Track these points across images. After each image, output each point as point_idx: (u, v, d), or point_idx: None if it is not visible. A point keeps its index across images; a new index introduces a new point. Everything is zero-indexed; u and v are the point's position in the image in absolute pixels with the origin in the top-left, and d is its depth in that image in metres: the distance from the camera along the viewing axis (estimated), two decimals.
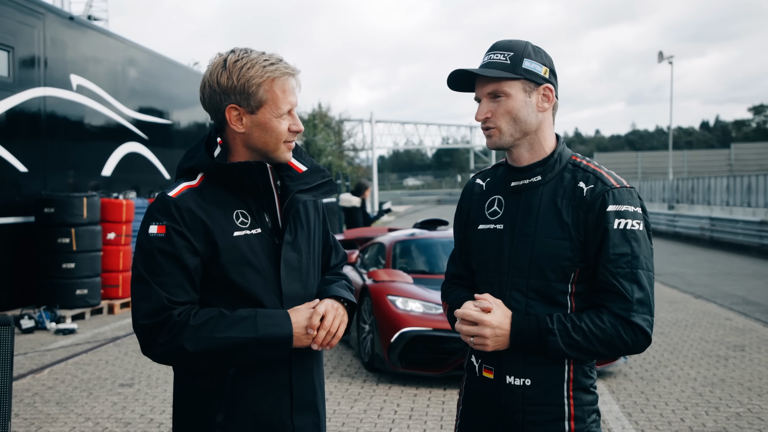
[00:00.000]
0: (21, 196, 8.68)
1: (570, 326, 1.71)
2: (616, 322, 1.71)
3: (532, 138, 1.82)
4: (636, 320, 1.70)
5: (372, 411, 5.13)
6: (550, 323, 1.72)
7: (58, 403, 5.26)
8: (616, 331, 1.70)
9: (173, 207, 1.72)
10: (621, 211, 1.73)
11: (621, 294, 1.70)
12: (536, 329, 1.72)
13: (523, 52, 1.78)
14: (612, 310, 1.71)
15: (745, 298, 10.69)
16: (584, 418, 1.78)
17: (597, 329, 1.70)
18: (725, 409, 5.17)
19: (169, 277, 1.69)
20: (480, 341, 1.75)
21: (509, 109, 1.78)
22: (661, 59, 33.30)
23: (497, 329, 1.74)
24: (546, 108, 1.81)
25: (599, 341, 1.71)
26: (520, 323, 1.74)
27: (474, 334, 1.75)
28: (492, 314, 1.75)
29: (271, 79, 1.75)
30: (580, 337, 1.70)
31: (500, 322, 1.74)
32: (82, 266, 8.69)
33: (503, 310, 1.77)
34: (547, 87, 1.80)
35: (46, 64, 9.07)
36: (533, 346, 1.74)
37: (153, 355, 1.72)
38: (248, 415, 1.78)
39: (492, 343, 1.75)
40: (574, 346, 1.71)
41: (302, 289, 1.85)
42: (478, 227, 1.91)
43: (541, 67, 1.79)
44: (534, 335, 1.72)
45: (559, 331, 1.71)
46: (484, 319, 1.74)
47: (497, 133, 1.81)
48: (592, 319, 1.72)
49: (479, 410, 1.88)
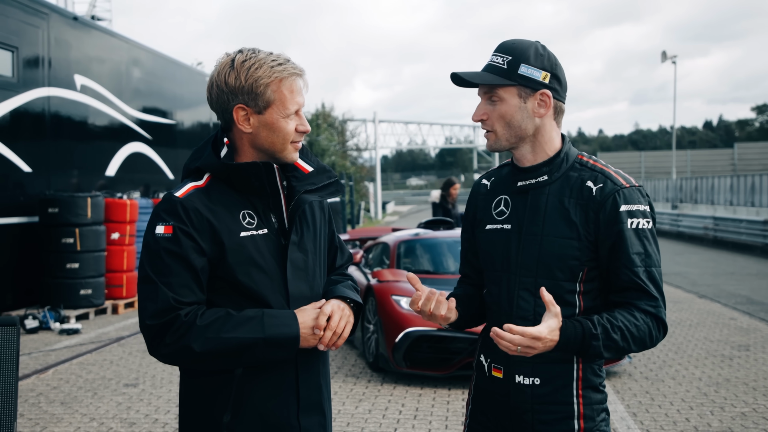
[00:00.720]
0: (25, 196, 8.69)
1: (609, 327, 1.70)
2: (647, 318, 1.73)
3: (532, 140, 1.82)
4: (662, 315, 1.74)
5: (377, 411, 5.13)
6: (594, 329, 1.69)
7: (63, 403, 5.27)
8: (648, 327, 1.73)
9: (180, 207, 1.72)
10: (633, 210, 1.74)
11: (647, 291, 1.73)
12: (581, 336, 1.69)
13: (522, 57, 1.76)
14: (642, 308, 1.73)
15: (750, 297, 10.66)
16: (593, 416, 1.78)
17: (633, 327, 1.71)
18: (730, 409, 5.16)
19: (176, 277, 1.69)
20: (527, 350, 1.67)
21: (503, 113, 1.78)
22: (665, 59, 33.22)
23: (548, 341, 1.67)
24: (543, 114, 1.79)
25: (634, 339, 1.72)
26: (569, 333, 1.69)
27: (527, 345, 1.66)
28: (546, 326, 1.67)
29: (278, 79, 1.75)
30: (618, 336, 1.70)
31: (552, 333, 1.67)
32: (86, 266, 8.70)
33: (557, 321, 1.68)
34: (544, 93, 1.78)
35: (50, 64, 9.08)
36: (574, 352, 1.72)
37: (160, 355, 1.71)
38: (255, 415, 1.78)
39: (539, 352, 1.69)
40: (611, 346, 1.71)
41: (308, 290, 1.85)
42: (485, 227, 1.91)
43: (540, 72, 1.76)
44: (579, 342, 1.70)
45: (601, 335, 1.69)
46: (542, 336, 1.65)
47: (493, 136, 1.82)
48: (627, 317, 1.72)
49: (488, 409, 1.88)
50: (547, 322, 1.67)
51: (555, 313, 1.68)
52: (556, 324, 1.68)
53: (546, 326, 1.66)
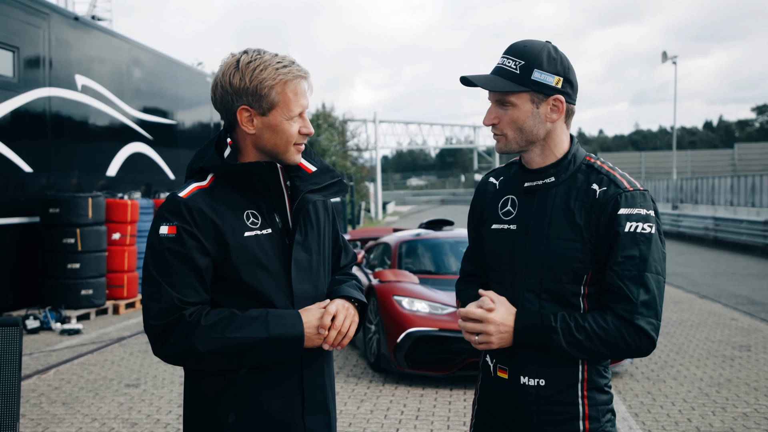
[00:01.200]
0: (26, 196, 8.69)
1: (573, 325, 1.71)
2: (619, 323, 1.70)
3: (542, 144, 1.81)
4: (639, 323, 1.68)
5: (379, 411, 5.13)
6: (554, 321, 1.71)
7: (65, 403, 5.27)
8: (619, 332, 1.69)
9: (184, 207, 1.72)
10: (632, 214, 1.72)
11: (625, 296, 1.69)
12: (539, 327, 1.72)
13: (535, 62, 1.73)
14: (615, 312, 1.70)
15: (750, 298, 10.66)
16: (599, 417, 1.78)
17: (600, 329, 1.70)
18: (732, 409, 5.16)
19: (180, 277, 1.69)
20: (484, 339, 1.75)
21: (515, 118, 1.76)
22: (665, 59, 33.21)
23: (501, 326, 1.73)
24: (555, 119, 1.78)
25: (602, 342, 1.70)
26: (524, 320, 1.74)
27: (478, 331, 1.75)
28: (496, 312, 1.75)
29: (283, 81, 1.75)
30: (582, 336, 1.69)
31: (504, 318, 1.74)
32: (87, 266, 8.70)
33: (507, 307, 1.77)
34: (557, 98, 1.76)
35: (51, 64, 9.09)
36: (536, 344, 1.74)
37: (164, 355, 1.71)
38: (259, 415, 1.77)
39: (496, 341, 1.74)
40: (576, 345, 1.70)
41: (313, 290, 1.85)
42: (491, 226, 1.90)
43: (553, 77, 1.74)
44: (537, 333, 1.72)
45: (561, 330, 1.70)
46: (488, 317, 1.73)
47: (504, 140, 1.80)
48: (596, 319, 1.71)
49: (494, 410, 1.88)
50: (497, 308, 1.75)
51: (503, 301, 1.77)
52: (506, 310, 1.75)
53: (495, 311, 1.74)
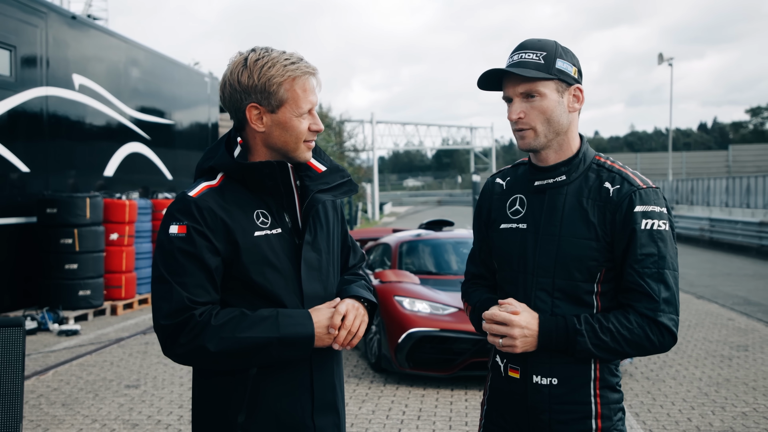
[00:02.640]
0: (23, 196, 8.65)
1: (597, 327, 1.71)
2: (642, 321, 1.70)
3: (562, 139, 1.81)
4: (662, 320, 1.70)
5: (380, 412, 5.12)
6: (578, 324, 1.71)
7: (64, 404, 5.25)
8: (643, 331, 1.70)
9: (194, 207, 1.71)
10: (648, 211, 1.73)
11: (648, 294, 1.70)
12: (564, 330, 1.72)
13: (556, 52, 1.76)
14: (639, 310, 1.71)
15: (747, 298, 10.70)
16: (611, 416, 1.78)
17: (624, 329, 1.70)
18: (731, 408, 5.17)
19: (191, 277, 1.68)
20: (509, 342, 1.74)
21: (544, 109, 1.76)
22: (661, 61, 33.33)
23: (526, 329, 1.73)
24: (576, 108, 1.80)
25: (626, 341, 1.70)
26: (548, 324, 1.73)
27: (503, 333, 1.74)
28: (520, 316, 1.74)
29: (291, 78, 1.74)
30: (607, 337, 1.70)
31: (528, 322, 1.74)
32: (84, 267, 8.67)
33: (530, 312, 1.77)
34: (577, 87, 1.79)
35: (48, 63, 9.05)
36: (561, 348, 1.73)
37: (174, 355, 1.70)
38: (269, 415, 1.77)
39: (521, 344, 1.74)
40: (601, 346, 1.70)
41: (322, 289, 1.84)
42: (500, 226, 1.90)
43: (572, 67, 1.78)
44: (562, 336, 1.72)
45: (587, 332, 1.70)
46: (513, 320, 1.73)
47: (532, 134, 1.78)
48: (619, 319, 1.71)
49: (505, 410, 1.87)
50: (525, 312, 1.74)
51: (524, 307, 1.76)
52: (530, 314, 1.74)
53: (520, 315, 1.73)
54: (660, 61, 33.42)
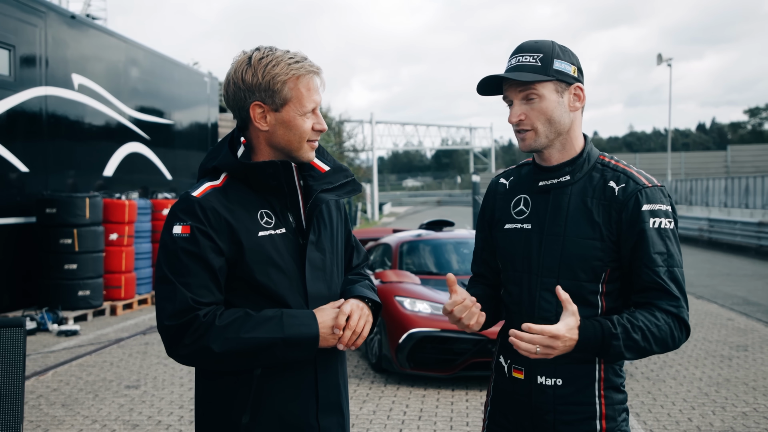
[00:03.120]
0: (22, 196, 8.64)
1: (630, 327, 1.68)
2: (668, 319, 1.70)
3: (564, 138, 1.81)
4: (684, 316, 1.71)
5: (381, 412, 5.12)
6: (614, 328, 1.67)
7: (64, 405, 5.24)
8: (670, 328, 1.70)
9: (198, 207, 1.71)
10: (655, 210, 1.73)
11: (668, 291, 1.70)
12: (600, 335, 1.67)
13: (552, 53, 1.76)
14: (663, 308, 1.71)
15: (746, 298, 10.70)
16: (615, 416, 1.78)
17: (654, 327, 1.69)
18: (731, 408, 5.17)
19: (194, 277, 1.68)
20: (546, 351, 1.65)
21: (544, 110, 1.76)
22: (660, 61, 33.36)
23: (569, 340, 1.65)
24: (578, 107, 1.80)
25: (655, 339, 1.69)
26: (588, 332, 1.67)
27: (546, 344, 1.64)
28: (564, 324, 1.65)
29: (296, 76, 1.74)
30: (639, 336, 1.68)
31: (571, 332, 1.65)
32: (84, 267, 8.65)
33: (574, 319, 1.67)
34: (577, 86, 1.79)
35: (48, 63, 9.04)
36: (594, 352, 1.70)
37: (178, 356, 1.70)
38: (274, 416, 1.76)
39: (557, 353, 1.67)
40: (632, 347, 1.68)
41: (326, 289, 1.84)
42: (504, 227, 1.89)
43: (571, 67, 1.77)
44: (598, 342, 1.67)
45: (621, 335, 1.67)
46: (560, 334, 1.63)
47: (533, 135, 1.78)
48: (648, 318, 1.70)
49: (508, 410, 1.87)
50: (566, 320, 1.66)
51: (572, 311, 1.66)
52: (574, 322, 1.66)
53: (564, 324, 1.65)
54: (659, 62, 33.45)
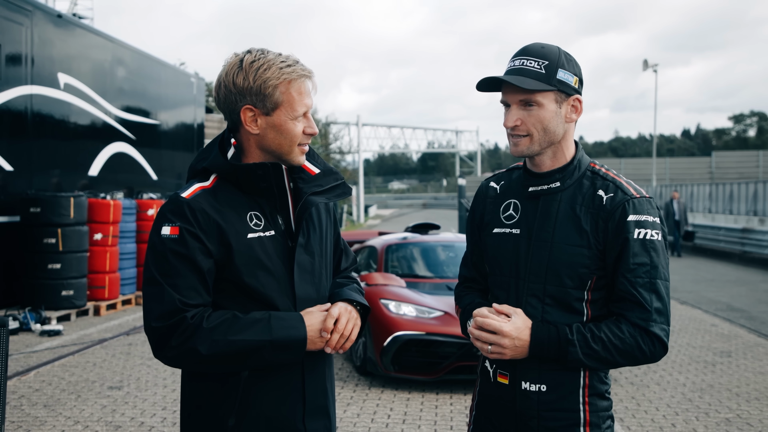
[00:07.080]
0: (6, 195, 8.55)
1: (590, 336, 1.70)
2: (634, 331, 1.70)
3: (556, 146, 1.81)
4: (654, 330, 1.70)
5: (365, 415, 5.11)
6: (570, 334, 1.71)
7: (46, 405, 5.18)
8: (635, 340, 1.70)
9: (186, 208, 1.70)
10: (641, 221, 1.73)
11: (640, 303, 1.70)
12: (556, 340, 1.71)
13: (558, 61, 1.74)
14: (631, 320, 1.71)
15: (729, 304, 10.81)
16: (599, 424, 1.79)
17: (616, 339, 1.70)
18: (715, 414, 5.22)
19: (183, 279, 1.67)
20: (498, 350, 1.73)
21: (541, 118, 1.75)
22: (646, 67, 33.64)
23: (516, 339, 1.72)
24: (574, 119, 1.81)
25: (618, 351, 1.70)
26: (540, 334, 1.73)
27: (492, 342, 1.73)
28: (511, 323, 1.73)
29: (287, 81, 1.73)
30: (599, 347, 1.70)
31: (520, 332, 1.73)
32: (68, 267, 8.57)
33: (523, 320, 1.75)
34: (576, 98, 1.79)
35: (33, 61, 8.96)
36: (552, 357, 1.73)
37: (165, 358, 1.69)
38: (261, 419, 1.76)
39: (510, 353, 1.73)
40: (593, 356, 1.70)
41: (315, 292, 1.84)
42: (493, 231, 1.90)
43: (573, 78, 1.77)
44: (554, 346, 1.71)
45: (578, 342, 1.70)
46: (504, 330, 1.72)
47: (528, 141, 1.78)
48: (611, 329, 1.71)
49: (493, 415, 1.87)
50: (513, 320, 1.73)
51: (518, 312, 1.74)
52: (522, 323, 1.73)
53: (511, 324, 1.72)
54: (645, 68, 33.73)
